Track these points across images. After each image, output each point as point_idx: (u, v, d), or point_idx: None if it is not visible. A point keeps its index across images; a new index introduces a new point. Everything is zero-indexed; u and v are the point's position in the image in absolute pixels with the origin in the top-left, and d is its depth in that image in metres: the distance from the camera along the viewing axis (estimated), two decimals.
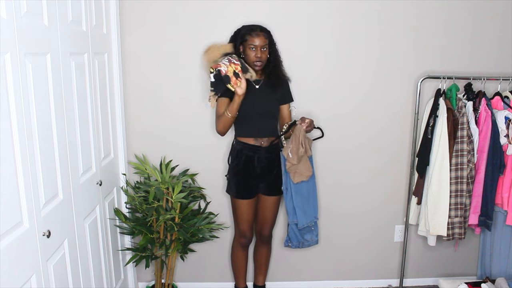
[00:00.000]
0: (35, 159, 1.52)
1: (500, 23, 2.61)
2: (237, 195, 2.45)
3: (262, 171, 2.41)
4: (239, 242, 2.58)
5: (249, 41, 2.27)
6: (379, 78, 2.65)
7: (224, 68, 2.16)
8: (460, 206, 2.46)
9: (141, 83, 2.58)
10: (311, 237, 2.51)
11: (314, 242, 2.53)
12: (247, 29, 2.30)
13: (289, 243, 2.51)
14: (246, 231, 2.53)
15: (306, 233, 2.48)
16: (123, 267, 2.63)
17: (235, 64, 2.19)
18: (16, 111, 1.39)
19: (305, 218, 2.44)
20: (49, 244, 1.61)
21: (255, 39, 2.26)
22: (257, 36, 2.26)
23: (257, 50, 2.27)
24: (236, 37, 2.32)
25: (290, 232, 2.47)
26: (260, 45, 2.27)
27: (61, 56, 1.73)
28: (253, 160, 2.38)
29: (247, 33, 2.28)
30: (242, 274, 2.69)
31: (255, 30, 2.28)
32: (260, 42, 2.26)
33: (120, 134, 2.53)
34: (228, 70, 2.16)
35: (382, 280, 2.97)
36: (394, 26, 2.58)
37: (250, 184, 2.43)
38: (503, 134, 2.43)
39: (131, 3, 2.46)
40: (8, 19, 1.34)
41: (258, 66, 2.30)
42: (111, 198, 2.43)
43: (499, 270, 2.68)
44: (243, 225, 2.51)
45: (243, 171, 2.41)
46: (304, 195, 2.43)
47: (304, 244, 2.50)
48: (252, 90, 2.33)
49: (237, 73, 2.18)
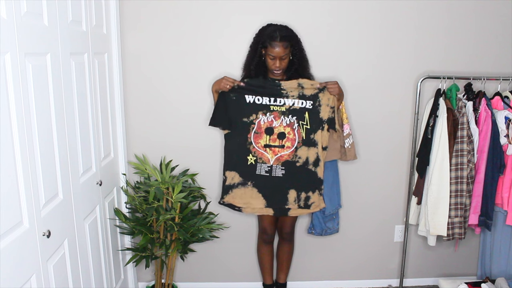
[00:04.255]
0: (35, 159, 1.52)
1: (500, 23, 2.61)
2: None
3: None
4: (262, 238, 2.64)
5: (268, 49, 2.25)
6: (379, 78, 2.65)
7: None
8: (460, 206, 2.46)
9: (141, 83, 2.58)
10: (333, 225, 2.57)
11: (335, 231, 2.59)
12: (268, 35, 2.25)
13: (312, 231, 2.58)
14: (266, 227, 2.57)
15: (328, 221, 2.54)
16: (123, 267, 2.63)
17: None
18: (16, 111, 1.39)
19: (331, 205, 2.50)
20: (49, 244, 1.61)
21: (274, 49, 2.23)
22: (276, 46, 2.22)
23: (276, 59, 2.26)
24: (259, 38, 2.30)
25: (315, 219, 2.54)
26: (279, 55, 2.24)
27: (61, 56, 1.73)
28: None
29: (267, 40, 2.25)
30: (267, 270, 2.71)
31: (275, 39, 2.22)
32: (279, 52, 2.23)
33: (120, 134, 2.53)
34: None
35: (382, 280, 2.97)
36: (394, 26, 2.58)
37: None
38: (503, 134, 2.43)
39: (131, 3, 2.46)
40: (8, 19, 1.34)
41: (277, 73, 2.33)
42: (111, 198, 2.43)
43: (499, 270, 2.68)
44: (264, 221, 2.57)
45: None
46: (329, 182, 2.49)
47: (326, 232, 2.56)
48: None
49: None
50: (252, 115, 2.38)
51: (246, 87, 2.34)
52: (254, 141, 2.39)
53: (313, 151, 2.40)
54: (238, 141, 2.40)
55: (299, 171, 2.40)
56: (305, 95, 2.35)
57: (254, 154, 2.40)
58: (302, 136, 2.38)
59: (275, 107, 2.36)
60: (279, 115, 2.37)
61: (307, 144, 2.39)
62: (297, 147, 2.39)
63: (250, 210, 2.46)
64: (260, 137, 2.39)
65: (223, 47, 2.55)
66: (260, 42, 2.28)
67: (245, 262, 2.87)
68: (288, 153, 2.39)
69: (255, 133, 2.39)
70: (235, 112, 2.38)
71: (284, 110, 2.36)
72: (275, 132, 2.38)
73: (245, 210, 2.46)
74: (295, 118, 2.37)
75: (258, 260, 2.74)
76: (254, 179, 2.41)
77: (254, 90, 2.35)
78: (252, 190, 2.42)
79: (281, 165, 2.40)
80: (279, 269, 2.73)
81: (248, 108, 2.37)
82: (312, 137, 2.39)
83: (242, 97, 2.36)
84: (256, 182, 2.41)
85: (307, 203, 2.43)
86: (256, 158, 2.40)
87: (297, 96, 2.35)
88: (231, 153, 2.43)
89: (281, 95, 2.35)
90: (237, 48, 2.50)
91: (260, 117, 2.37)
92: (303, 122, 2.38)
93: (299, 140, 2.39)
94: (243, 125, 2.38)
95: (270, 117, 2.37)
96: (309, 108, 2.36)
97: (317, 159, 2.41)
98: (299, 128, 2.38)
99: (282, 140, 2.39)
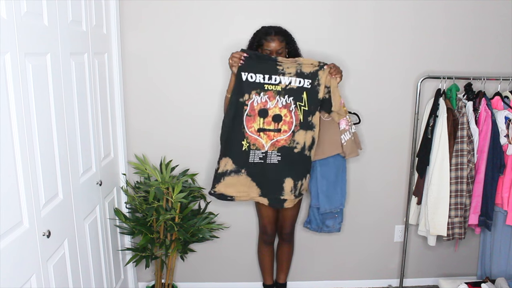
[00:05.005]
0: (35, 159, 1.52)
1: (500, 23, 2.61)
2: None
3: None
4: (262, 239, 2.63)
5: (264, 45, 2.25)
6: (379, 78, 2.65)
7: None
8: (460, 206, 2.46)
9: (141, 83, 2.58)
10: (333, 224, 2.44)
11: (335, 230, 2.46)
12: (263, 32, 2.27)
13: (308, 225, 2.48)
14: (266, 226, 2.56)
15: (328, 219, 2.42)
16: (123, 267, 2.63)
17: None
18: (16, 111, 1.39)
19: (329, 204, 2.37)
20: (49, 244, 1.61)
21: (270, 44, 2.23)
22: (272, 40, 2.23)
23: (272, 54, 2.24)
24: (254, 40, 2.31)
25: (311, 214, 2.44)
26: (275, 49, 2.23)
27: (61, 56, 1.73)
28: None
29: (262, 37, 2.26)
30: (268, 271, 2.71)
31: (270, 34, 2.24)
32: (275, 46, 2.23)
33: (120, 134, 2.53)
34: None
35: (382, 280, 2.97)
36: (394, 26, 2.58)
37: None
38: (503, 134, 2.43)
39: (131, 3, 2.46)
40: (8, 19, 1.34)
41: None
42: (111, 198, 2.43)
43: (499, 270, 2.68)
44: (263, 221, 2.55)
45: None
46: (330, 179, 2.36)
47: (323, 229, 2.45)
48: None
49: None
50: (245, 95, 2.21)
51: (246, 60, 2.16)
52: (246, 125, 2.23)
53: (309, 135, 2.25)
54: (234, 123, 2.24)
55: (297, 158, 2.26)
56: (303, 72, 2.19)
57: (247, 140, 2.25)
58: (299, 119, 2.23)
59: (270, 86, 2.19)
60: (274, 95, 2.21)
61: (304, 128, 2.24)
62: (294, 131, 2.23)
63: (244, 198, 2.33)
64: (254, 120, 2.23)
65: (224, 47, 2.54)
66: (256, 41, 2.29)
67: (245, 262, 2.87)
68: (285, 137, 2.25)
69: (247, 115, 2.22)
70: (234, 91, 2.22)
71: (280, 89, 2.20)
72: (269, 114, 2.21)
73: (238, 199, 2.34)
74: (292, 99, 2.21)
75: (258, 261, 2.74)
76: (247, 167, 2.28)
77: (251, 65, 2.17)
78: (246, 178, 2.29)
79: (277, 151, 2.25)
80: (279, 269, 2.74)
81: (243, 86, 2.20)
82: (310, 120, 2.24)
83: (239, 74, 2.19)
84: (249, 170, 2.28)
85: (300, 190, 2.34)
86: (249, 145, 2.25)
87: (294, 74, 2.19)
88: (226, 138, 2.27)
89: (277, 72, 2.18)
90: (238, 48, 2.49)
91: (253, 97, 2.21)
92: (301, 103, 2.21)
93: (296, 123, 2.23)
94: (239, 105, 2.22)
95: (264, 97, 2.20)
96: (307, 88, 2.20)
97: (313, 142, 2.27)
98: (296, 110, 2.22)
99: (278, 124, 2.23)
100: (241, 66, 2.18)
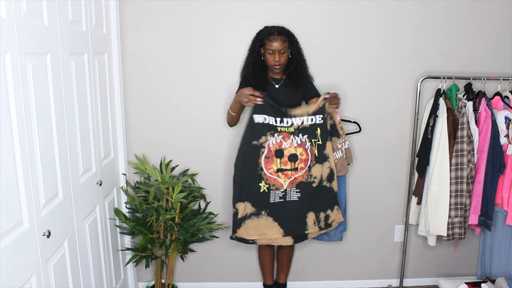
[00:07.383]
0: (35, 159, 1.52)
1: (500, 23, 2.61)
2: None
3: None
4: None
5: (267, 45, 2.24)
6: (379, 78, 2.65)
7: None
8: (460, 206, 2.46)
9: (141, 83, 2.58)
10: (334, 233, 2.49)
11: (336, 238, 2.50)
12: (265, 32, 2.26)
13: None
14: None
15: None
16: (123, 267, 2.63)
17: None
18: (16, 111, 1.39)
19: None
20: (49, 244, 1.61)
21: (272, 43, 2.22)
22: (275, 40, 2.22)
23: (275, 54, 2.24)
24: (256, 39, 2.31)
25: None
26: (277, 49, 2.23)
27: (61, 56, 1.73)
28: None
29: (265, 37, 2.25)
30: (268, 271, 2.71)
31: (273, 34, 2.23)
32: (277, 46, 2.22)
33: (120, 134, 2.53)
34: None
35: (382, 280, 2.97)
36: (394, 26, 2.58)
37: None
38: (503, 134, 2.43)
39: (131, 3, 2.46)
40: (8, 19, 1.34)
41: (277, 69, 2.30)
42: (111, 198, 2.43)
43: (499, 270, 2.68)
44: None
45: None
46: None
47: (323, 237, 2.49)
48: (271, 89, 2.33)
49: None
50: (262, 137, 2.21)
51: (257, 104, 2.15)
52: (265, 167, 2.23)
53: (326, 166, 2.28)
54: (249, 168, 2.24)
55: (316, 191, 2.28)
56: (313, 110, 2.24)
57: (267, 181, 2.24)
58: (314, 154, 2.25)
59: (283, 128, 2.22)
60: (288, 135, 2.22)
61: (320, 161, 2.26)
62: (310, 165, 2.26)
63: (266, 241, 2.33)
64: (272, 161, 2.23)
65: (224, 47, 2.54)
66: (258, 41, 2.28)
67: (245, 262, 2.87)
68: (301, 174, 2.26)
69: (265, 157, 2.22)
70: (246, 134, 2.23)
71: (293, 130, 2.22)
72: (285, 154, 2.22)
73: (260, 242, 2.34)
74: (306, 137, 2.22)
75: (259, 261, 2.74)
76: (269, 207, 2.26)
77: (263, 108, 2.17)
78: (267, 220, 2.27)
79: (296, 188, 2.27)
80: (279, 269, 2.74)
81: (257, 129, 2.21)
82: (324, 152, 2.26)
83: (250, 117, 2.21)
84: (270, 210, 2.27)
85: (328, 222, 2.34)
86: (269, 186, 2.25)
87: (306, 113, 2.22)
88: (242, 182, 2.27)
89: (287, 115, 2.20)
90: (238, 49, 2.49)
91: (268, 139, 2.22)
92: (315, 140, 2.23)
93: (312, 159, 2.25)
94: (253, 149, 2.22)
95: (278, 137, 2.21)
96: (320, 123, 2.23)
97: (331, 173, 2.29)
98: (312, 147, 2.24)
99: (294, 163, 2.23)
100: (254, 108, 2.18)
